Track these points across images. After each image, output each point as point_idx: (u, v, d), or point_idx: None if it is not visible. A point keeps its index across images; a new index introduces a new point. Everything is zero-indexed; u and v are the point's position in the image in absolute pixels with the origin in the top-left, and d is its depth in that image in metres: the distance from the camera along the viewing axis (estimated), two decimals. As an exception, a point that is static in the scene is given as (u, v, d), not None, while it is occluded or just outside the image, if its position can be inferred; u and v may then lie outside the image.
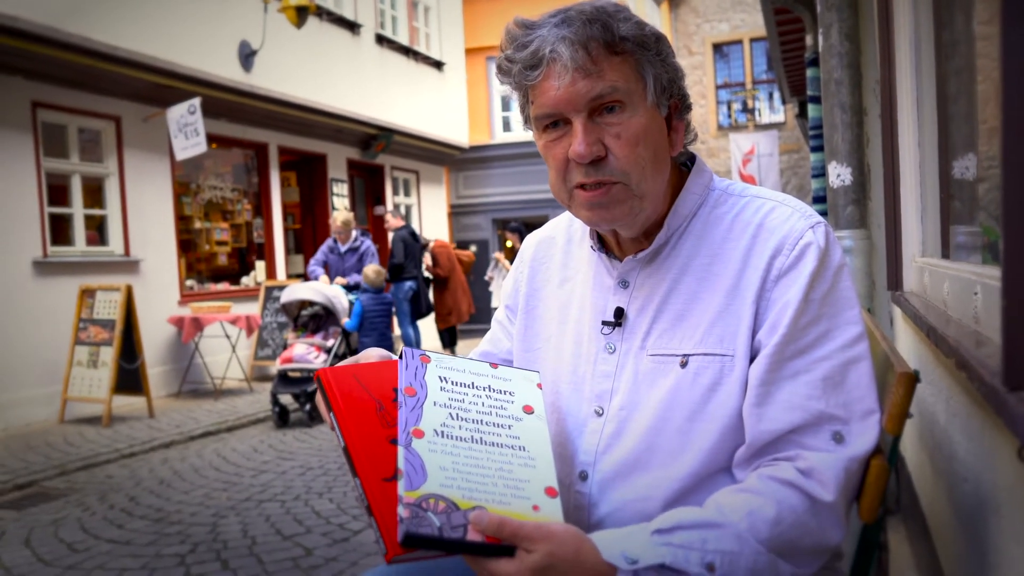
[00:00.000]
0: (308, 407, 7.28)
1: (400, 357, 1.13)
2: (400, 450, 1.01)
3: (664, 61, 1.19)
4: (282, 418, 7.26)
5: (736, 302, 1.17)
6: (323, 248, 8.97)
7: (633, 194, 1.18)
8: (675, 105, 1.23)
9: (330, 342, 7.57)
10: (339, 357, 7.53)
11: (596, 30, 1.12)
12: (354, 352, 7.70)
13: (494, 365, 1.21)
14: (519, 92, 1.22)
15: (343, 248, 8.80)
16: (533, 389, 1.19)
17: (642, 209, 1.20)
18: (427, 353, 1.16)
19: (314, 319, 7.77)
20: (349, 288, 8.42)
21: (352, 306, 7.84)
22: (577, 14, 1.14)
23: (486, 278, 12.55)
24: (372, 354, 1.26)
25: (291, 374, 7.36)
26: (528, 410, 1.16)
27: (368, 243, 8.91)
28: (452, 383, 1.13)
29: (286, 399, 7.67)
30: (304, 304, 7.73)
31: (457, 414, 1.09)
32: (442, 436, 1.05)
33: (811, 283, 1.13)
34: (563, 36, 1.13)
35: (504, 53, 1.19)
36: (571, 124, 1.17)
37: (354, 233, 8.85)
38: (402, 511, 0.96)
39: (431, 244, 10.93)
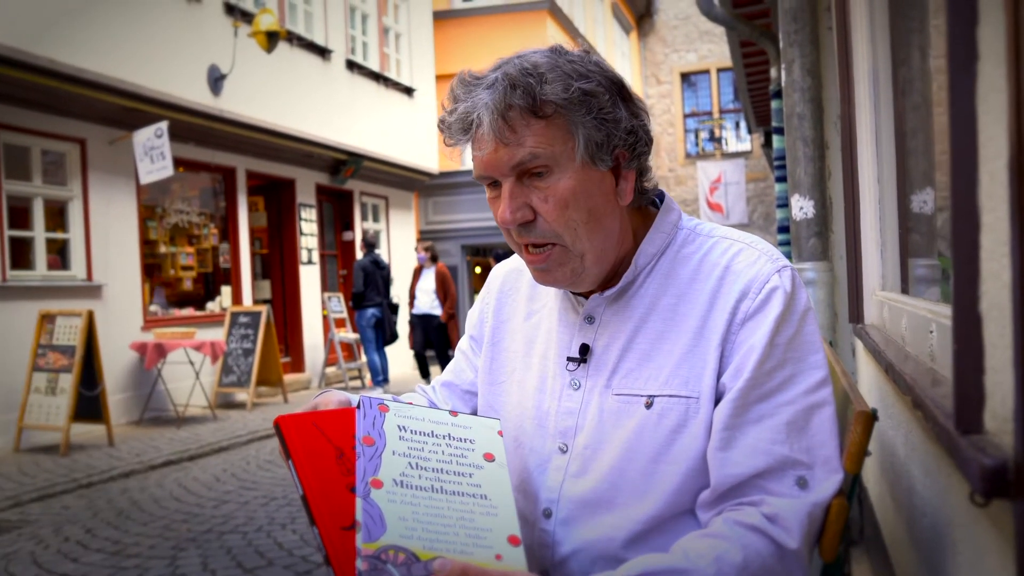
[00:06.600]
0: None
1: (358, 406, 1.11)
2: (358, 501, 0.99)
3: (597, 118, 1.14)
4: None
5: (702, 344, 1.17)
6: None
7: (572, 254, 1.18)
8: (622, 155, 1.20)
9: None
10: None
11: (517, 96, 1.11)
12: None
13: (454, 413, 1.19)
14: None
15: None
16: (494, 436, 1.18)
17: (584, 268, 1.20)
18: (385, 402, 1.14)
19: None
20: None
21: None
22: (503, 77, 1.12)
23: None
24: (332, 399, 1.24)
25: None
26: (489, 458, 1.14)
27: None
28: (411, 432, 1.11)
29: None
30: None
31: (417, 463, 1.07)
32: (401, 486, 1.03)
33: (776, 327, 1.13)
34: (486, 103, 1.12)
35: (445, 110, 1.21)
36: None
37: None
38: (360, 564, 0.94)
39: (433, 268, 10.50)
